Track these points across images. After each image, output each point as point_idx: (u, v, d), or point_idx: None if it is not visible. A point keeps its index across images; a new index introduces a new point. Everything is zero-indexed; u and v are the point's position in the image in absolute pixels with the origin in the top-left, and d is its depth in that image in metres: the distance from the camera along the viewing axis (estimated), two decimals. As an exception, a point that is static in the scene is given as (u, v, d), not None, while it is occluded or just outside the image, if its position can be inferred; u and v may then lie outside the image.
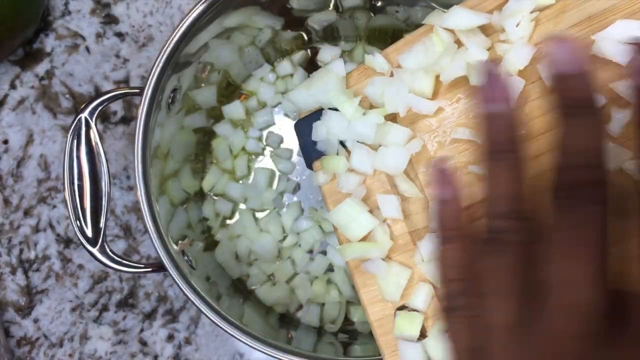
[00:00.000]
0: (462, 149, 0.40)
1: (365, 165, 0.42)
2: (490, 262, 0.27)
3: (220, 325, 0.50)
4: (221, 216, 0.64)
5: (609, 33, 0.36)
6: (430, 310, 0.40)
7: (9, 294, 0.66)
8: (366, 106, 0.43)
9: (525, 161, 0.29)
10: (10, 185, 0.67)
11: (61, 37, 0.68)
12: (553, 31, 0.38)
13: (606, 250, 0.24)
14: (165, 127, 0.56)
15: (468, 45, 0.39)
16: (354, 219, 0.41)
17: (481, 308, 0.27)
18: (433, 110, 0.40)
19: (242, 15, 0.56)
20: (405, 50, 0.42)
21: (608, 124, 0.36)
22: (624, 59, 0.35)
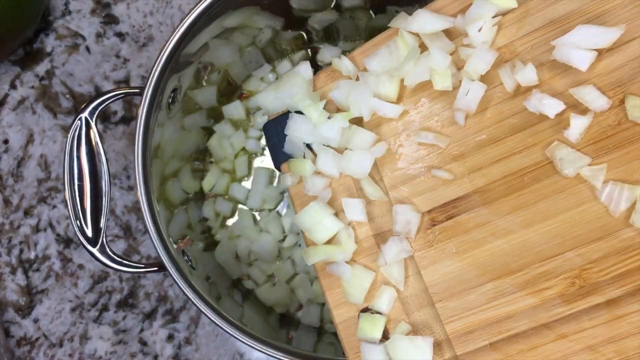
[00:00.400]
0: (425, 153, 0.40)
1: (331, 168, 0.42)
2: None
3: (220, 325, 0.49)
4: (221, 216, 0.64)
5: (570, 39, 0.36)
6: (392, 312, 0.40)
7: (9, 294, 0.66)
8: (332, 110, 0.43)
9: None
10: (10, 185, 0.67)
11: (61, 37, 0.68)
12: (515, 35, 0.38)
13: None
14: (166, 127, 0.56)
15: (431, 49, 0.39)
16: (319, 222, 0.41)
17: None
18: (398, 113, 0.41)
19: (242, 15, 0.56)
20: (371, 53, 0.42)
21: (567, 129, 0.36)
22: (584, 65, 0.35)
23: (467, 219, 0.39)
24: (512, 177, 0.38)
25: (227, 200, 0.64)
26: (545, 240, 0.37)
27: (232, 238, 0.63)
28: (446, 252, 0.39)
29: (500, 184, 0.38)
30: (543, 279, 0.37)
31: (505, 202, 0.38)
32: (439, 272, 0.39)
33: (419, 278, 0.39)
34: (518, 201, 0.37)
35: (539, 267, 0.37)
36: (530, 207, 0.37)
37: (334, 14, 0.61)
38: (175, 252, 0.52)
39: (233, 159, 0.64)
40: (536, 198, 0.37)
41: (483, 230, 0.38)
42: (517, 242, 0.37)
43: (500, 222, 0.38)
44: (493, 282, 0.38)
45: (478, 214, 0.38)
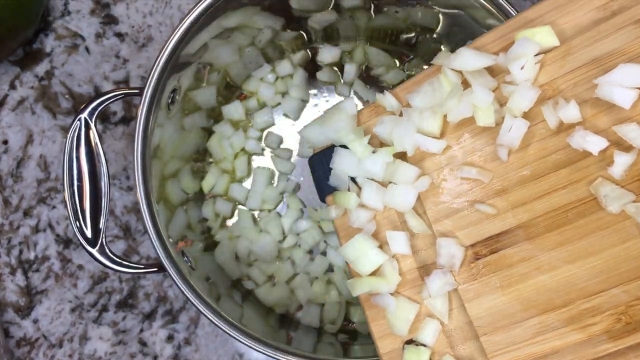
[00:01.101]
0: (468, 187, 0.40)
1: (375, 201, 0.43)
2: None
3: (219, 325, 0.49)
4: (221, 217, 0.63)
5: (612, 77, 0.36)
6: (437, 345, 0.40)
7: (9, 294, 0.66)
8: (376, 144, 0.44)
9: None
10: (10, 186, 0.67)
11: (61, 38, 0.68)
12: (558, 73, 0.38)
13: None
14: (165, 128, 0.56)
15: (474, 86, 0.39)
16: (364, 254, 0.42)
17: None
18: (441, 149, 0.41)
19: (242, 15, 0.56)
20: (414, 90, 0.42)
21: (611, 166, 0.36)
22: (627, 103, 0.35)
23: (511, 253, 0.39)
24: (555, 212, 0.38)
25: (227, 200, 0.64)
26: (590, 277, 0.37)
27: (231, 238, 0.63)
28: (490, 285, 0.39)
29: (544, 220, 0.38)
30: (589, 314, 0.37)
31: (549, 237, 0.38)
32: (483, 305, 0.39)
33: (463, 311, 0.40)
34: (562, 237, 0.37)
35: (584, 303, 0.37)
36: (574, 242, 0.37)
37: (333, 15, 0.61)
38: (175, 252, 0.52)
39: (233, 159, 0.64)
40: (580, 234, 0.37)
41: (527, 265, 0.38)
42: (561, 277, 0.37)
43: (544, 257, 0.38)
44: (538, 317, 0.38)
45: (522, 248, 0.38)
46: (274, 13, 0.59)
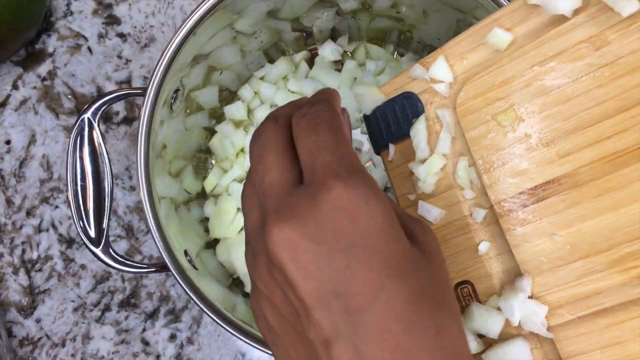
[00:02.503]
0: (516, 140, 0.41)
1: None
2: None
3: (222, 324, 0.50)
4: (222, 216, 0.64)
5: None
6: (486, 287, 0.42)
7: (12, 294, 0.66)
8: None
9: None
10: (12, 186, 0.67)
11: (63, 38, 0.68)
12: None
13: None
14: (168, 128, 0.56)
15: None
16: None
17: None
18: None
19: (245, 17, 0.56)
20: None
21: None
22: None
23: (557, 201, 0.40)
24: (601, 161, 0.39)
25: (229, 200, 0.64)
26: (633, 222, 0.38)
27: (232, 237, 0.63)
28: (536, 232, 0.40)
29: (590, 168, 0.39)
30: (631, 258, 0.38)
31: (594, 185, 0.39)
32: (529, 250, 0.40)
33: (511, 256, 0.41)
34: (607, 184, 0.38)
35: (627, 247, 0.38)
36: (619, 190, 0.38)
37: (335, 17, 0.62)
38: (177, 252, 0.52)
39: (234, 158, 0.64)
40: (626, 181, 0.38)
41: (572, 212, 0.39)
42: (605, 223, 0.38)
43: (589, 204, 0.39)
44: (582, 260, 0.39)
45: (567, 196, 0.39)
46: (276, 17, 0.59)
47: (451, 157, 0.44)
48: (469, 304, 0.42)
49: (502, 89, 0.41)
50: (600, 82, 0.39)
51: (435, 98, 0.44)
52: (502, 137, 0.41)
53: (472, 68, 0.43)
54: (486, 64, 0.42)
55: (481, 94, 0.42)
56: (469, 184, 0.43)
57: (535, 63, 0.40)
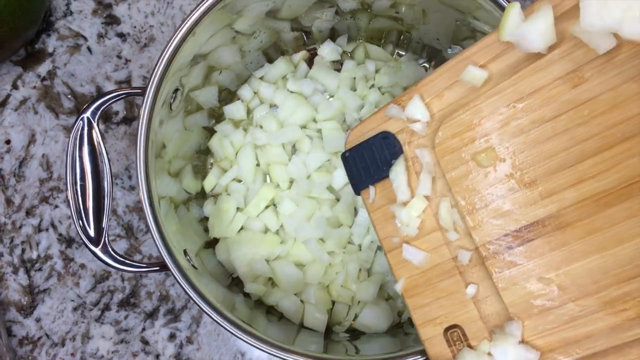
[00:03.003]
0: (499, 181, 0.41)
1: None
2: None
3: (221, 324, 0.50)
4: (222, 215, 0.64)
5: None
6: (474, 330, 0.42)
7: (11, 293, 0.66)
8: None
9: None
10: (12, 185, 0.67)
11: (63, 38, 0.68)
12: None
13: None
14: (167, 127, 0.56)
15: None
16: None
17: None
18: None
19: (244, 17, 0.56)
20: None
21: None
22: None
23: (542, 243, 0.39)
24: (585, 202, 0.38)
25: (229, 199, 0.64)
26: (622, 263, 0.37)
27: (232, 237, 0.63)
28: (524, 274, 0.40)
29: (574, 209, 0.39)
30: (621, 300, 0.37)
31: (579, 226, 0.38)
32: (517, 293, 0.40)
33: (499, 298, 0.41)
34: (592, 225, 0.38)
35: (615, 289, 0.37)
36: (605, 231, 0.38)
37: (334, 17, 0.62)
38: (177, 251, 0.52)
39: (234, 158, 0.64)
40: (611, 222, 0.38)
41: (559, 254, 0.39)
42: (593, 265, 0.38)
43: (575, 246, 0.39)
44: (572, 303, 0.39)
45: (552, 238, 0.39)
46: (276, 17, 0.59)
47: (433, 198, 0.43)
48: (460, 348, 0.42)
49: (480, 128, 0.41)
50: (580, 120, 0.38)
51: (414, 137, 0.44)
52: (484, 178, 0.41)
53: (449, 105, 0.42)
54: (463, 102, 0.42)
55: (459, 134, 0.41)
56: (452, 225, 0.42)
57: (512, 101, 0.40)
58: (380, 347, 0.56)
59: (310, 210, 0.61)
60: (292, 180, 0.63)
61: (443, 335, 0.43)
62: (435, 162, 0.43)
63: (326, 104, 0.63)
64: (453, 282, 0.43)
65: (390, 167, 0.45)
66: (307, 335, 0.59)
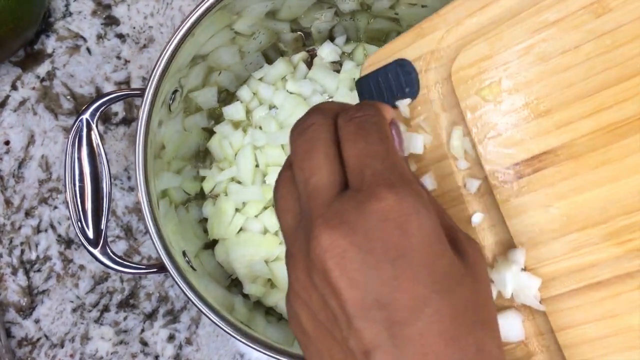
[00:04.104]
0: (513, 110, 0.40)
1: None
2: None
3: (220, 325, 0.50)
4: (221, 216, 0.64)
5: None
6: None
7: (10, 294, 0.66)
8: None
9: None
10: (11, 186, 0.67)
11: (62, 39, 0.68)
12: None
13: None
14: (166, 128, 0.56)
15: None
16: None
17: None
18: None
19: (244, 17, 0.56)
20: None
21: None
22: None
23: (553, 172, 0.39)
24: (600, 132, 0.38)
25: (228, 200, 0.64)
26: (631, 195, 0.37)
27: (232, 238, 0.63)
28: (532, 203, 0.39)
29: (588, 139, 0.38)
30: (628, 230, 0.37)
31: (592, 156, 0.38)
32: (524, 222, 0.39)
33: (504, 228, 0.40)
34: (606, 156, 0.37)
35: (623, 219, 0.37)
36: (618, 161, 0.37)
37: (334, 18, 0.62)
38: (176, 252, 0.52)
39: (233, 159, 0.64)
40: (625, 153, 0.37)
41: (569, 183, 0.38)
42: (603, 195, 0.38)
43: (586, 176, 0.38)
44: (578, 232, 0.38)
45: (564, 167, 0.38)
46: (275, 18, 0.59)
47: (445, 127, 0.43)
48: None
49: (499, 57, 0.40)
50: (602, 50, 0.38)
51: (430, 65, 0.43)
52: (498, 107, 0.40)
53: (468, 35, 0.42)
54: (483, 31, 0.41)
55: (477, 62, 0.41)
56: (463, 154, 0.42)
57: (533, 30, 0.39)
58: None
59: None
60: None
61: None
62: (450, 91, 0.43)
63: (325, 104, 0.63)
64: (459, 210, 0.42)
65: (404, 94, 0.44)
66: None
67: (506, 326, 0.40)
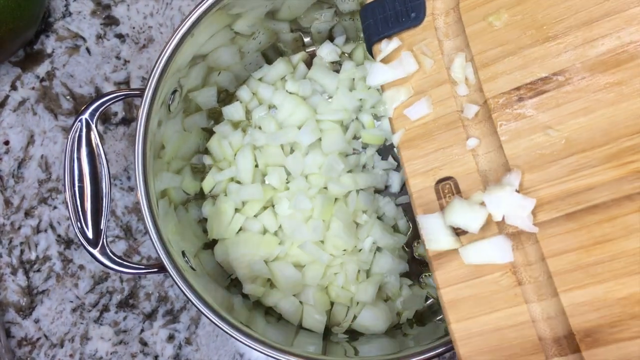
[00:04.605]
0: (517, 33, 0.41)
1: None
2: None
3: (220, 325, 0.50)
4: (221, 216, 0.64)
5: None
6: (469, 184, 0.41)
7: (10, 294, 0.66)
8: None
9: None
10: (11, 186, 0.67)
11: (62, 39, 0.68)
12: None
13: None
14: (166, 128, 0.56)
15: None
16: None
17: None
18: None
19: (243, 18, 0.56)
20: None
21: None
22: None
23: (557, 95, 0.39)
24: (606, 55, 0.38)
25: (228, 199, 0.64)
26: (635, 116, 0.37)
27: (231, 238, 0.63)
28: (530, 125, 0.39)
29: (594, 62, 0.38)
30: (629, 152, 0.37)
31: (598, 78, 0.38)
32: (521, 145, 0.39)
33: (500, 154, 0.40)
34: (612, 78, 0.37)
35: (626, 141, 0.37)
36: (623, 84, 0.37)
37: (333, 18, 0.62)
38: (175, 252, 0.52)
39: (232, 159, 0.64)
40: (630, 75, 0.37)
41: (572, 105, 0.38)
42: (606, 117, 0.37)
43: (591, 97, 0.38)
44: (577, 155, 0.38)
45: (568, 89, 0.38)
46: (275, 18, 0.59)
47: (447, 53, 0.43)
48: (450, 201, 0.41)
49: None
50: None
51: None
52: (504, 31, 0.40)
53: None
54: None
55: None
56: (464, 79, 0.42)
57: None
58: (379, 348, 0.56)
59: (308, 211, 0.61)
60: (289, 181, 0.63)
61: (434, 187, 0.42)
62: (457, 20, 0.43)
63: (325, 104, 0.63)
64: (454, 134, 0.42)
65: (410, 19, 0.44)
66: (306, 337, 0.59)
67: (495, 250, 0.39)
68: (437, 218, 0.41)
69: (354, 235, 0.60)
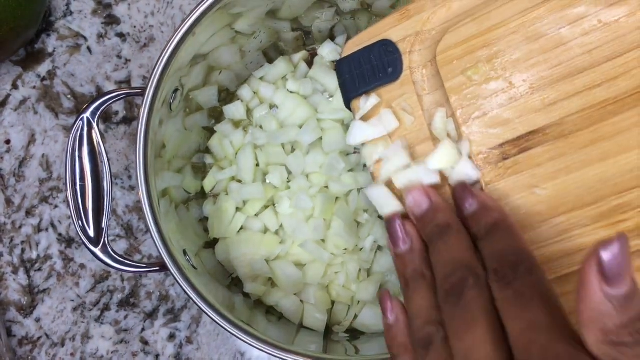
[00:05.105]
0: (499, 89, 0.40)
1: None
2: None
3: (221, 324, 0.50)
4: (222, 215, 0.64)
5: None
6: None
7: (11, 293, 0.66)
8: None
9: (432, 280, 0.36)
10: (12, 185, 0.67)
11: (63, 38, 0.68)
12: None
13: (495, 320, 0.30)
14: (167, 127, 0.56)
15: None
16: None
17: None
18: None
19: (244, 17, 0.56)
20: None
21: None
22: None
23: (541, 152, 0.38)
24: (590, 110, 0.37)
25: (229, 199, 0.64)
26: (623, 173, 0.36)
27: (232, 237, 0.63)
28: (517, 185, 0.38)
29: (578, 117, 0.37)
30: (620, 211, 0.36)
31: (581, 135, 0.37)
32: (509, 205, 0.38)
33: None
34: (595, 134, 0.37)
35: (615, 199, 0.36)
36: (607, 140, 0.36)
37: (334, 17, 0.62)
38: (177, 251, 0.52)
39: (233, 158, 0.64)
40: (615, 131, 0.36)
41: (557, 163, 0.37)
42: (593, 174, 0.36)
43: (575, 155, 0.37)
44: (566, 214, 0.37)
45: (552, 147, 0.37)
46: (276, 17, 0.59)
47: (427, 109, 0.42)
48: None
49: (487, 36, 0.39)
50: (591, 29, 0.37)
51: (415, 47, 0.43)
52: (485, 86, 0.39)
53: (455, 16, 0.41)
54: (471, 12, 0.40)
55: (464, 42, 0.40)
56: (446, 135, 0.41)
57: (523, 9, 0.38)
58: (380, 347, 0.56)
59: (309, 210, 0.61)
60: (290, 180, 0.63)
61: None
62: (435, 74, 0.42)
63: (326, 104, 0.63)
64: (439, 193, 0.41)
65: (387, 74, 0.43)
66: (307, 336, 0.59)
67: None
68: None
69: (355, 234, 0.60)
